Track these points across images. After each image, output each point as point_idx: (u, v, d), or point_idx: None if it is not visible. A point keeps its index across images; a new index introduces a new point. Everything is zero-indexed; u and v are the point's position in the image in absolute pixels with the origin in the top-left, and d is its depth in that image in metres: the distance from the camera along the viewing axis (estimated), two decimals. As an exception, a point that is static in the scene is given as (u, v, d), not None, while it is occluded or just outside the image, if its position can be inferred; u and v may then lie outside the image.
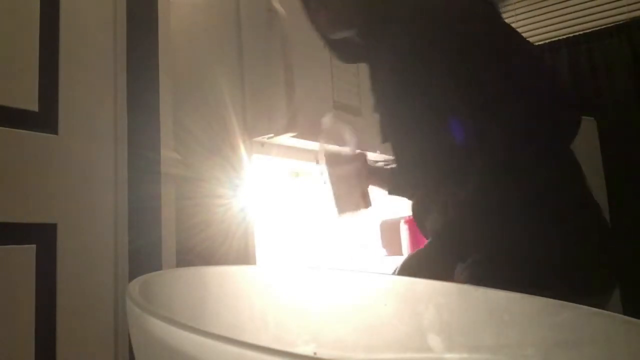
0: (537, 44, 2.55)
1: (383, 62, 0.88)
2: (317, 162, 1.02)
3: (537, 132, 0.73)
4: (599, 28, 2.42)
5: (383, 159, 1.62)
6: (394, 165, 1.00)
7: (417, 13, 0.80)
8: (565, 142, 0.77)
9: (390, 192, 1.02)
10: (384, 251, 1.81)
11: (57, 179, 0.83)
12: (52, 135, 0.84)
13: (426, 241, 0.82)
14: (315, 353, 0.42)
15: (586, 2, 2.48)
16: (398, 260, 0.83)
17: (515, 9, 2.64)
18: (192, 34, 1.39)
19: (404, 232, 1.69)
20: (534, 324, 0.37)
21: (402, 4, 0.83)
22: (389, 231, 1.80)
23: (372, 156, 1.54)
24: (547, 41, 2.52)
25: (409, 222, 1.67)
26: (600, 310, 0.34)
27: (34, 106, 0.82)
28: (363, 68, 1.03)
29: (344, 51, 0.98)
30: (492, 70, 0.75)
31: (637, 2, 2.34)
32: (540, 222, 0.74)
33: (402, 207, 1.60)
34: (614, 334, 0.33)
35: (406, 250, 1.70)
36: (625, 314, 0.33)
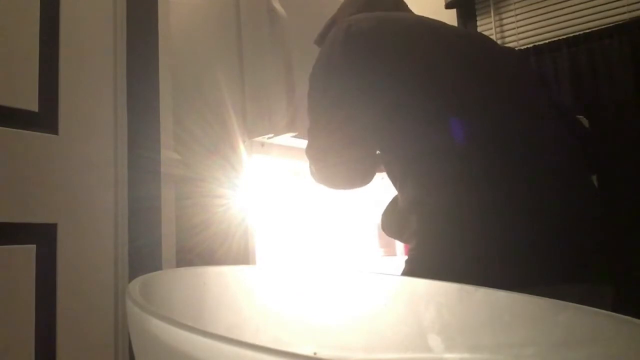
0: (537, 44, 2.55)
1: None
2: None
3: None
4: (599, 28, 2.41)
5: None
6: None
7: None
8: None
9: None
10: (381, 251, 1.81)
11: (57, 179, 0.83)
12: (52, 135, 0.84)
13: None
14: (315, 353, 0.42)
15: (586, 2, 2.47)
16: (394, 260, 0.83)
17: (516, 9, 2.64)
18: (192, 34, 1.39)
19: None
20: (534, 324, 0.37)
21: None
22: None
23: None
24: (547, 41, 2.52)
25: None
26: (600, 310, 0.34)
27: (34, 106, 0.82)
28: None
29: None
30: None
31: (637, 2, 2.34)
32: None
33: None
34: (614, 334, 0.33)
35: (400, 250, 1.70)
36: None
